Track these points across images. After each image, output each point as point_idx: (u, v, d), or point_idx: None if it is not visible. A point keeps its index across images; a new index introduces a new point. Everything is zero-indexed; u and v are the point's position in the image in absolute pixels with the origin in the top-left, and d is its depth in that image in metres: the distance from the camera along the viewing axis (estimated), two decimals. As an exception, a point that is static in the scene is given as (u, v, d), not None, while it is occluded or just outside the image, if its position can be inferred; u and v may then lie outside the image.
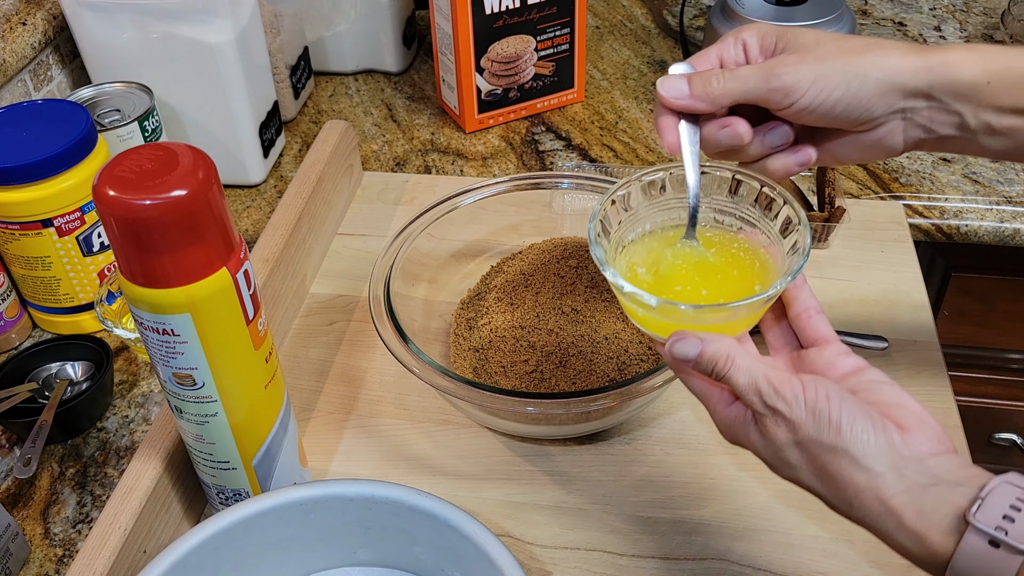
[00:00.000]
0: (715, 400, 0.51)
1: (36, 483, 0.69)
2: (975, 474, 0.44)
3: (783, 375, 0.47)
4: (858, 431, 0.45)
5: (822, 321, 0.53)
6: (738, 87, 0.54)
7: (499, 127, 1.05)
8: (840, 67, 0.52)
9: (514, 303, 0.74)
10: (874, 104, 0.53)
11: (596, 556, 0.62)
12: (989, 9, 1.19)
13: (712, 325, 0.52)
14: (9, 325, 0.79)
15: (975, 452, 0.68)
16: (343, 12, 1.09)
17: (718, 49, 0.57)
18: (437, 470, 0.68)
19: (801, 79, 0.52)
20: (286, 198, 0.82)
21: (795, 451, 0.47)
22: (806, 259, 0.52)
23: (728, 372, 0.48)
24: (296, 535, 0.59)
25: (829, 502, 0.47)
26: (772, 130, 0.56)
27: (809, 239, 0.53)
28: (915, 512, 0.43)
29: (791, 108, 0.54)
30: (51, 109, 0.76)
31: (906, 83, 0.52)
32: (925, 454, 0.45)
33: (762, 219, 0.57)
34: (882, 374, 0.50)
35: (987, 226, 0.90)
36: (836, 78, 0.52)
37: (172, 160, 0.49)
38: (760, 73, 0.54)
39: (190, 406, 0.56)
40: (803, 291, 0.54)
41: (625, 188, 0.58)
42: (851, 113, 0.53)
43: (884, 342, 0.74)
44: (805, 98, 0.53)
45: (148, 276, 0.50)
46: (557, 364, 0.70)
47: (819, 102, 0.53)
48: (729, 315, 0.52)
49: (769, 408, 0.47)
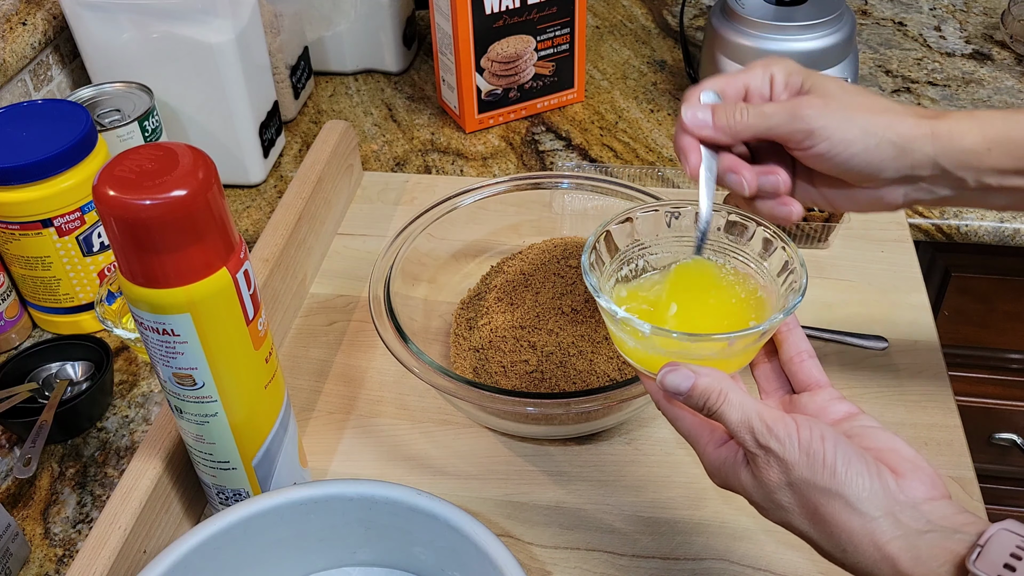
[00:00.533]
0: (705, 440, 0.50)
1: (36, 483, 0.69)
2: (971, 520, 0.43)
3: (777, 414, 0.47)
4: (853, 474, 0.44)
5: (815, 365, 0.52)
6: (761, 124, 0.54)
7: (499, 127, 1.05)
8: (862, 123, 0.53)
9: (514, 303, 0.74)
10: (886, 165, 0.53)
11: (596, 556, 0.62)
12: (989, 9, 1.19)
13: (706, 359, 0.51)
14: (9, 325, 0.79)
15: (975, 452, 0.68)
16: (343, 12, 1.09)
17: (746, 77, 0.57)
18: (437, 470, 0.68)
19: (826, 125, 0.53)
20: (286, 198, 0.82)
21: (787, 493, 0.46)
22: (801, 297, 0.52)
23: (721, 407, 0.47)
24: (296, 535, 0.59)
25: (821, 547, 0.46)
26: (768, 175, 0.56)
27: (806, 280, 0.53)
28: (911, 558, 0.43)
29: (809, 151, 0.54)
30: (51, 109, 0.76)
31: (916, 150, 0.53)
32: (920, 499, 0.44)
33: (759, 259, 0.57)
34: (874, 420, 0.49)
35: (987, 226, 0.90)
36: (857, 132, 0.53)
37: (172, 160, 0.49)
38: (786, 112, 0.54)
39: (190, 406, 0.56)
40: (795, 334, 0.53)
41: (623, 220, 0.58)
42: (864, 169, 0.54)
43: (884, 342, 0.74)
44: (825, 144, 0.53)
45: (148, 276, 0.50)
46: (557, 364, 0.70)
47: (837, 151, 0.53)
48: (723, 347, 0.51)
49: (762, 447, 0.46)
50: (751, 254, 0.57)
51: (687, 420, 0.51)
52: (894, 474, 0.45)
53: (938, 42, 1.14)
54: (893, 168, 0.53)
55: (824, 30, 0.93)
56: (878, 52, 1.12)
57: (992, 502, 0.90)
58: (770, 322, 0.51)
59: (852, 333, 0.75)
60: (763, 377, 0.55)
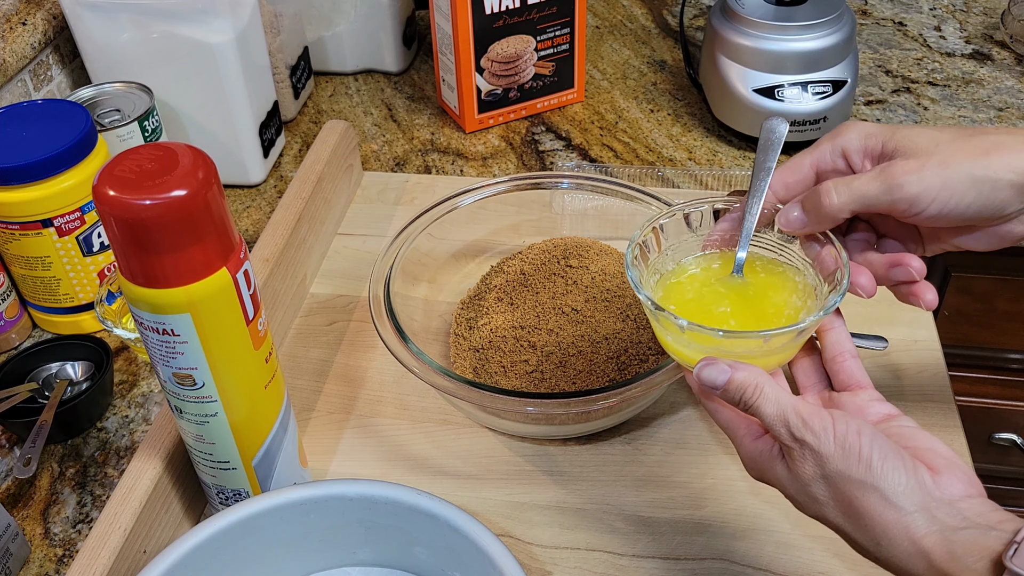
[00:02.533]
0: (742, 433, 0.50)
1: (36, 483, 0.69)
2: (1007, 519, 0.43)
3: (812, 408, 0.47)
4: (889, 468, 0.44)
5: (857, 366, 0.52)
6: (856, 202, 0.52)
7: (499, 127, 1.05)
8: (967, 172, 0.50)
9: (514, 303, 0.74)
10: (1008, 204, 0.51)
11: (596, 556, 0.62)
12: (989, 9, 1.19)
13: (743, 356, 0.51)
14: (9, 325, 0.79)
15: (975, 452, 0.68)
16: (343, 12, 1.09)
17: (813, 158, 0.55)
18: (437, 470, 0.68)
19: (926, 188, 0.50)
20: (286, 198, 0.82)
21: (822, 485, 0.46)
22: (842, 296, 0.52)
23: (756, 401, 0.47)
24: (296, 535, 0.59)
25: (855, 541, 0.47)
26: (896, 266, 0.54)
27: (848, 278, 0.52)
28: (946, 553, 0.42)
29: (918, 217, 0.52)
30: (51, 109, 0.76)
31: None
32: (956, 497, 0.44)
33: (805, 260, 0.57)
34: (913, 422, 0.49)
35: (987, 226, 0.90)
36: (965, 184, 0.50)
37: (172, 160, 0.49)
38: (880, 185, 0.51)
39: (190, 406, 0.56)
40: (840, 334, 0.53)
41: (669, 216, 0.58)
42: (983, 214, 0.51)
43: (884, 342, 0.74)
44: (933, 206, 0.51)
45: (148, 276, 0.50)
46: (557, 364, 0.70)
47: (948, 209, 0.51)
48: (759, 344, 0.51)
49: (797, 440, 0.46)
50: (799, 253, 0.57)
51: (725, 414, 0.51)
52: (931, 471, 0.45)
53: (938, 42, 1.14)
54: (1017, 202, 0.50)
55: (824, 30, 0.93)
56: (878, 52, 1.12)
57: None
58: (808, 321, 0.51)
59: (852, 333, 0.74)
60: (802, 372, 0.55)
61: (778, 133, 0.58)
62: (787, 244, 0.57)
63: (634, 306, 0.73)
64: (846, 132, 0.54)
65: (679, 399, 0.72)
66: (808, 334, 0.53)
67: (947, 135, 0.52)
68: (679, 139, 1.01)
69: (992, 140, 0.51)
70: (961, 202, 0.50)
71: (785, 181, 0.56)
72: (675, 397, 0.72)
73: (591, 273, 0.75)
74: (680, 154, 0.99)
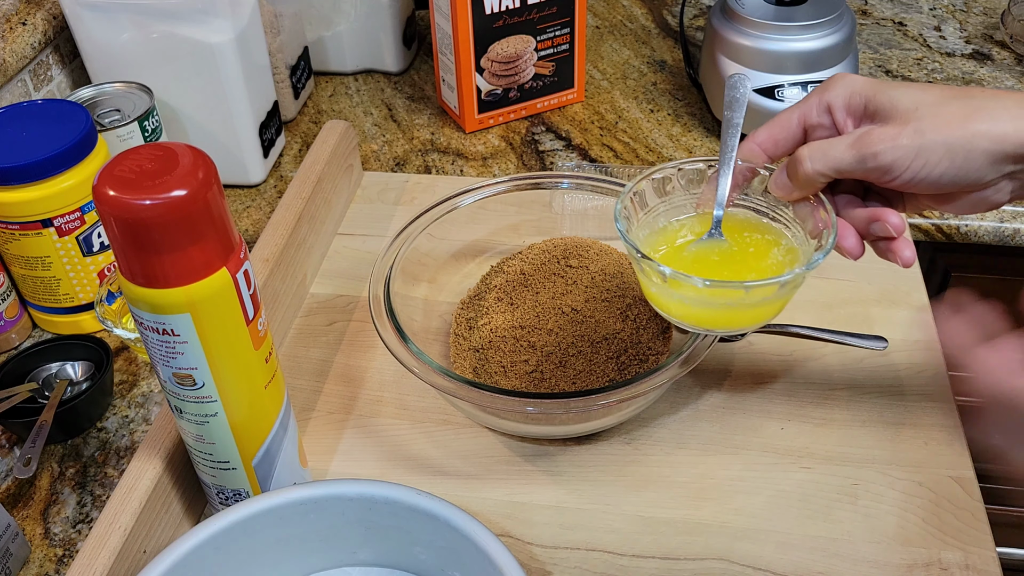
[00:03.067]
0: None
1: (36, 483, 0.69)
2: None
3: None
4: None
5: None
6: (831, 168, 0.52)
7: (499, 127, 1.05)
8: (943, 141, 0.49)
9: (514, 303, 0.74)
10: (983, 173, 0.50)
11: (596, 556, 0.62)
12: (989, 9, 1.19)
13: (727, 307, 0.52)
14: (9, 325, 0.79)
15: (975, 452, 0.68)
16: (343, 12, 1.09)
17: (800, 113, 0.55)
18: (437, 470, 0.68)
19: (900, 157, 0.50)
20: (286, 198, 0.82)
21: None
22: (825, 255, 0.52)
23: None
24: (296, 535, 0.59)
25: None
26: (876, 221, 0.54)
27: (834, 239, 0.53)
28: None
29: (892, 183, 0.52)
30: (51, 109, 0.76)
31: (1017, 150, 0.49)
32: None
33: (794, 220, 0.57)
34: None
35: (987, 226, 0.90)
36: (939, 152, 0.49)
37: (172, 160, 0.49)
38: (855, 154, 0.51)
39: (190, 406, 0.56)
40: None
41: (661, 173, 0.59)
42: (958, 183, 0.51)
43: (884, 342, 0.74)
44: (906, 174, 0.50)
45: (148, 276, 0.50)
46: (557, 364, 0.70)
47: (922, 177, 0.50)
48: (742, 295, 0.52)
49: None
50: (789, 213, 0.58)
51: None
52: None
53: (938, 42, 1.14)
54: (993, 171, 0.50)
55: (824, 30, 0.93)
56: (878, 52, 1.12)
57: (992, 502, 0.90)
58: (789, 275, 0.51)
59: (852, 333, 0.75)
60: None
61: (742, 90, 0.59)
62: (779, 205, 0.58)
63: (634, 306, 0.73)
64: (833, 87, 0.54)
65: (679, 399, 0.72)
66: (792, 289, 0.53)
67: (930, 97, 0.51)
68: (679, 139, 1.01)
69: (974, 104, 0.50)
70: (934, 171, 0.50)
71: (774, 137, 0.56)
72: (675, 397, 0.72)
73: (591, 273, 0.75)
74: (680, 154, 0.99)
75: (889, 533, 0.62)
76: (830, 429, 0.69)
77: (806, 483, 0.66)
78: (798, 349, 0.75)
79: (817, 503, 0.64)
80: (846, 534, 0.62)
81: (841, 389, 0.72)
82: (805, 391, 0.72)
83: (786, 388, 0.72)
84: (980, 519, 0.63)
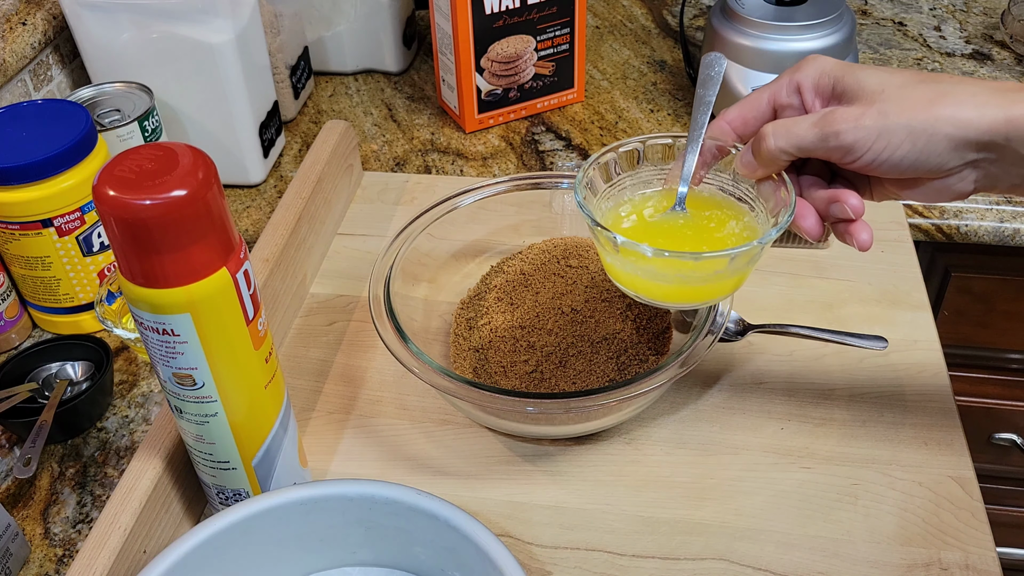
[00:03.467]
0: None
1: (36, 483, 0.69)
2: None
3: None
4: None
5: None
6: (794, 147, 0.52)
7: (499, 127, 1.05)
8: (905, 124, 0.49)
9: (514, 303, 0.74)
10: (945, 159, 0.50)
11: (596, 556, 0.62)
12: (989, 9, 1.19)
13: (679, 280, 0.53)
14: (9, 325, 0.79)
15: (975, 452, 0.68)
16: (343, 12, 1.09)
17: (770, 93, 0.55)
18: (437, 470, 0.68)
19: (862, 138, 0.50)
20: (286, 198, 0.82)
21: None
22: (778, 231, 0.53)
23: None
24: (296, 535, 0.59)
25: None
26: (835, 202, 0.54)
27: (790, 216, 0.54)
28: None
29: (853, 165, 0.52)
30: (51, 109, 0.76)
31: (980, 138, 0.49)
32: None
33: (758, 199, 0.58)
34: None
35: (987, 226, 0.90)
36: (901, 135, 0.49)
37: (172, 160, 0.49)
38: (818, 132, 0.51)
39: (190, 406, 0.56)
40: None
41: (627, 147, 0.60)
42: (918, 168, 0.50)
43: (884, 342, 0.74)
44: (867, 156, 0.50)
45: (148, 276, 0.50)
46: (557, 364, 0.70)
47: (883, 159, 0.50)
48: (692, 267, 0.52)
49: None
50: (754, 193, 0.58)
51: None
52: None
53: (938, 42, 1.14)
54: (955, 158, 0.50)
55: (824, 30, 0.93)
56: (878, 52, 1.12)
57: (992, 502, 0.90)
58: (740, 249, 0.52)
59: (852, 333, 0.75)
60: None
61: (717, 68, 0.60)
62: (747, 184, 0.59)
63: (634, 306, 0.73)
64: (804, 68, 0.54)
65: (679, 399, 0.72)
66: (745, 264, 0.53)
67: (897, 80, 0.51)
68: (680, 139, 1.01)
69: (940, 89, 0.50)
70: (895, 154, 0.50)
71: (744, 116, 0.56)
72: (675, 397, 0.72)
73: (591, 273, 0.75)
74: (680, 154, 0.99)
75: (889, 533, 0.62)
76: (830, 429, 0.69)
77: (806, 483, 0.66)
78: (798, 349, 0.75)
79: (817, 503, 0.64)
80: (846, 534, 0.62)
81: (841, 389, 0.72)
82: (805, 391, 0.72)
83: (786, 388, 0.72)
84: (980, 519, 0.63)
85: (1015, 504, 1.21)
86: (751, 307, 0.79)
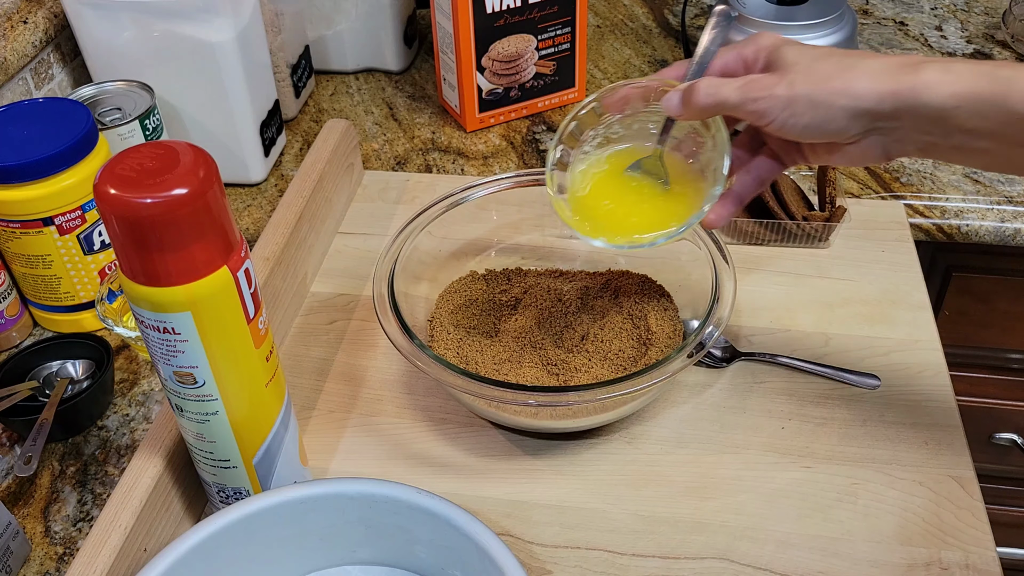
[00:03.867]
0: None
1: (37, 481, 0.69)
2: None
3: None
4: None
5: None
6: (719, 103, 0.57)
7: (500, 126, 1.05)
8: (806, 95, 0.54)
9: (516, 304, 0.74)
10: (845, 127, 0.55)
11: (596, 555, 0.62)
12: (990, 9, 1.19)
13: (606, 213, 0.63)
14: (10, 323, 0.79)
15: (975, 452, 0.68)
16: (344, 11, 1.09)
17: (723, 60, 0.61)
18: (437, 469, 0.68)
19: (772, 106, 0.55)
20: (287, 197, 0.82)
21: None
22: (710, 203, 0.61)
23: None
24: (296, 534, 0.59)
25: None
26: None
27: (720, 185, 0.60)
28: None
29: (765, 129, 0.57)
30: (52, 107, 0.76)
31: (872, 108, 0.53)
32: None
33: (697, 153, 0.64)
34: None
35: (988, 226, 0.90)
36: (803, 105, 0.54)
37: (173, 158, 0.49)
38: (738, 94, 0.56)
39: (191, 404, 0.56)
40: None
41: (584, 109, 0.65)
42: (823, 134, 0.55)
43: (876, 380, 0.72)
44: (776, 122, 0.55)
45: (149, 274, 0.50)
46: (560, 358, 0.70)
47: (790, 125, 0.55)
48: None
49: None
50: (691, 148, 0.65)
51: None
52: None
53: (939, 42, 1.14)
54: (855, 126, 0.54)
55: (825, 30, 0.93)
56: (879, 52, 1.12)
57: (992, 502, 0.90)
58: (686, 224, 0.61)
59: (845, 369, 0.73)
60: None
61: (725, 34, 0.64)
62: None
63: (638, 303, 0.73)
64: (752, 42, 0.60)
65: (679, 399, 0.72)
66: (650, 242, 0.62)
67: (813, 54, 0.56)
68: (680, 138, 1.01)
69: (844, 64, 0.54)
70: (800, 121, 0.55)
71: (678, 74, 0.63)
72: (675, 397, 0.72)
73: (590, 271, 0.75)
74: (681, 153, 0.99)
75: (889, 533, 0.62)
76: (830, 429, 0.69)
77: (806, 483, 0.66)
78: (799, 348, 0.75)
79: (817, 502, 0.64)
80: (846, 534, 0.62)
81: (841, 389, 0.72)
82: (805, 391, 0.72)
83: (786, 388, 0.72)
84: (980, 519, 0.63)
85: (1015, 504, 1.21)
86: (751, 307, 0.79)
